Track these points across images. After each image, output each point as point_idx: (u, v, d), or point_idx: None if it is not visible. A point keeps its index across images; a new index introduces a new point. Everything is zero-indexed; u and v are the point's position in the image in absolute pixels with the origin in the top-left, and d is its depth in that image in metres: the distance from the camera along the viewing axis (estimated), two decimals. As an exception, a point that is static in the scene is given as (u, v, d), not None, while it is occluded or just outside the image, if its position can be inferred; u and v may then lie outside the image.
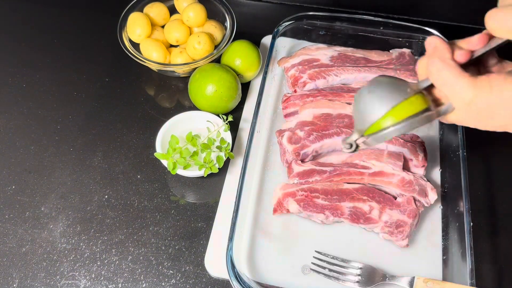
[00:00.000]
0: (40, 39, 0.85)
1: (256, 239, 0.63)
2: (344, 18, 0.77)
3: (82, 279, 0.60)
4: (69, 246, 0.63)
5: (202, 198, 0.68)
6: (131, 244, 0.63)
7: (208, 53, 0.75)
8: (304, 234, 0.64)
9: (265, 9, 0.92)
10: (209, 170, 0.65)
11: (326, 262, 0.60)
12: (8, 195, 0.67)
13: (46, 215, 0.65)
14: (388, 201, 0.61)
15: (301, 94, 0.72)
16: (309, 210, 0.62)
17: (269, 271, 0.61)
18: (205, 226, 0.65)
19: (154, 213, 0.66)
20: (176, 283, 0.61)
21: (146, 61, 0.73)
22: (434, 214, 0.66)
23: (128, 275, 0.61)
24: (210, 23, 0.78)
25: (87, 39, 0.86)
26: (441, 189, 0.68)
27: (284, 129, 0.69)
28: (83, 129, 0.74)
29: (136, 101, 0.78)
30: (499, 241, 0.66)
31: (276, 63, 0.77)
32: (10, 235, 0.64)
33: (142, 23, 0.76)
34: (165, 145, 0.67)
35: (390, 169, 0.64)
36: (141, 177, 0.69)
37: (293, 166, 0.65)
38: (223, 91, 0.70)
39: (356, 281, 0.58)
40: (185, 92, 0.76)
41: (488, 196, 0.69)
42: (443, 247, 0.63)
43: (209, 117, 0.70)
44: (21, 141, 0.72)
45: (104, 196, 0.67)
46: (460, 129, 0.66)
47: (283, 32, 0.78)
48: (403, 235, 0.60)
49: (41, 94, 0.78)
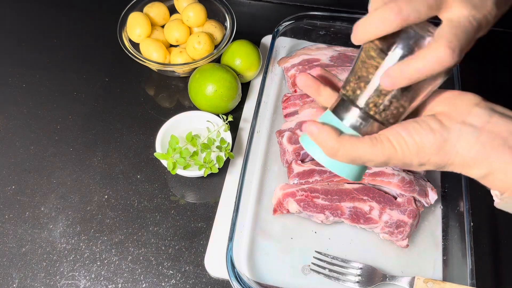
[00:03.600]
0: (40, 39, 0.85)
1: (256, 239, 0.63)
2: (344, 18, 0.77)
3: (82, 279, 0.60)
4: (69, 246, 0.63)
5: (202, 198, 0.68)
6: (131, 244, 0.63)
7: (208, 53, 0.75)
8: (304, 234, 0.64)
9: (265, 9, 0.92)
10: (209, 170, 0.64)
11: (326, 262, 0.60)
12: (8, 195, 0.67)
13: (46, 215, 0.65)
14: (388, 201, 0.61)
15: (301, 94, 0.72)
16: (309, 210, 0.62)
17: (269, 271, 0.61)
18: (205, 226, 0.65)
19: (154, 213, 0.66)
20: (176, 283, 0.61)
21: (146, 61, 0.73)
22: (434, 214, 0.66)
23: (128, 275, 0.61)
24: (210, 23, 0.78)
25: (87, 39, 0.86)
26: (441, 189, 0.68)
27: (284, 129, 0.69)
28: (83, 129, 0.74)
29: (136, 101, 0.78)
30: (499, 241, 0.66)
31: (276, 63, 0.77)
32: (10, 235, 0.64)
33: (142, 23, 0.76)
34: (165, 145, 0.67)
35: (390, 169, 0.64)
36: (141, 177, 0.69)
37: (293, 166, 0.65)
38: (223, 91, 0.70)
39: (356, 281, 0.58)
40: (185, 92, 0.76)
41: (488, 196, 0.69)
42: (443, 247, 0.63)
43: (209, 117, 0.70)
44: (21, 141, 0.72)
45: (104, 196, 0.67)
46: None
47: (283, 32, 0.78)
48: (403, 235, 0.60)
49: (41, 94, 0.78)
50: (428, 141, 0.37)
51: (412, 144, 0.38)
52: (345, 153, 0.39)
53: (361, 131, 0.39)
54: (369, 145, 0.38)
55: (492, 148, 0.37)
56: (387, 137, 0.38)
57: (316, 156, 0.41)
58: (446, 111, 0.39)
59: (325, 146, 0.39)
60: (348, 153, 0.38)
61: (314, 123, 0.39)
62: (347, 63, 0.75)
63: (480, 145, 0.37)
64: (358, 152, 0.38)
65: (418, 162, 0.39)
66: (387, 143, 0.38)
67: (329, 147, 0.39)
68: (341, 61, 0.75)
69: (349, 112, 0.39)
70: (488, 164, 0.37)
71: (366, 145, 0.38)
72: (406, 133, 0.38)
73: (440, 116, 0.38)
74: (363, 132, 0.39)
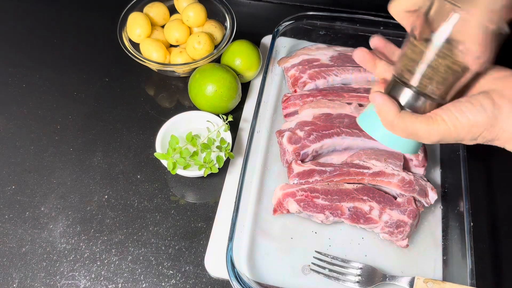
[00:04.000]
0: (40, 39, 0.85)
1: (256, 239, 0.63)
2: (344, 18, 0.77)
3: (82, 279, 0.60)
4: (69, 246, 0.63)
5: (202, 198, 0.68)
6: (131, 244, 0.63)
7: (208, 53, 0.75)
8: (304, 234, 0.64)
9: (265, 9, 0.92)
10: (209, 170, 0.64)
11: (326, 262, 0.60)
12: (8, 195, 0.67)
13: (46, 215, 0.65)
14: (388, 201, 0.61)
15: (301, 94, 0.72)
16: (309, 210, 0.62)
17: (269, 271, 0.61)
18: (205, 226, 0.65)
19: (154, 213, 0.66)
20: (176, 283, 0.61)
21: (146, 61, 0.73)
22: (434, 214, 0.66)
23: (128, 275, 0.61)
24: (210, 23, 0.78)
25: (87, 39, 0.86)
26: (441, 189, 0.68)
27: (284, 129, 0.69)
28: (83, 129, 0.74)
29: (136, 101, 0.78)
30: (499, 241, 0.66)
31: (276, 63, 0.77)
32: (10, 235, 0.64)
33: (142, 23, 0.76)
34: (165, 145, 0.67)
35: (390, 169, 0.64)
36: (141, 177, 0.69)
37: (293, 166, 0.65)
38: (223, 91, 0.70)
39: (356, 281, 0.58)
40: (185, 92, 0.76)
41: (488, 196, 0.69)
42: (443, 247, 0.63)
43: (209, 117, 0.70)
44: (21, 141, 0.72)
45: (104, 196, 0.67)
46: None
47: (283, 32, 0.78)
48: (403, 235, 0.60)
49: (41, 94, 0.78)
50: (480, 119, 0.40)
51: (466, 122, 0.40)
52: (403, 128, 0.42)
53: (415, 111, 0.43)
54: (426, 124, 0.41)
55: None
56: (442, 116, 0.41)
57: (373, 133, 0.46)
58: (498, 89, 0.40)
59: (385, 117, 0.43)
60: (406, 128, 0.42)
61: (381, 94, 0.43)
62: (347, 63, 0.75)
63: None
64: (415, 128, 0.41)
65: (470, 138, 0.41)
66: (442, 123, 0.41)
67: (389, 120, 0.42)
68: (341, 61, 0.75)
69: (403, 92, 0.43)
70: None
71: (423, 123, 0.41)
72: (459, 113, 0.40)
73: (493, 94, 0.40)
74: (421, 112, 0.43)
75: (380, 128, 0.45)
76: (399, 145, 0.45)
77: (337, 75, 0.73)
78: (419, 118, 0.41)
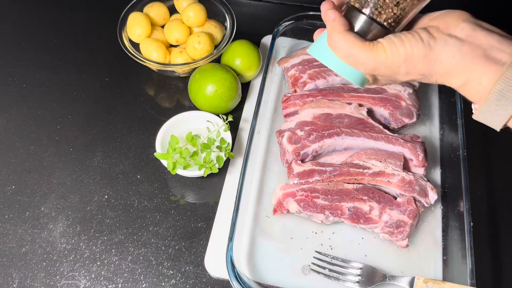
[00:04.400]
0: (40, 39, 0.85)
1: (256, 239, 0.63)
2: (344, 18, 0.77)
3: (82, 279, 0.60)
4: (69, 246, 0.63)
5: (202, 198, 0.68)
6: (131, 244, 0.63)
7: (208, 53, 0.75)
8: (304, 234, 0.64)
9: (265, 9, 0.92)
10: (209, 170, 0.64)
11: (326, 262, 0.60)
12: (8, 195, 0.67)
13: (46, 215, 0.65)
14: (388, 201, 0.61)
15: (301, 94, 0.72)
16: (309, 210, 0.62)
17: (269, 271, 0.61)
18: (205, 226, 0.65)
19: (154, 213, 0.66)
20: (176, 283, 0.61)
21: (146, 61, 0.73)
22: (434, 214, 0.66)
23: (128, 275, 0.61)
24: (210, 23, 0.78)
25: (87, 39, 0.86)
26: (441, 189, 0.68)
27: (284, 129, 0.69)
28: (83, 129, 0.74)
29: (136, 101, 0.78)
30: (499, 241, 0.66)
31: (276, 63, 0.77)
32: (10, 235, 0.64)
33: (142, 23, 0.76)
34: (165, 145, 0.67)
35: (390, 169, 0.64)
36: (141, 177, 0.69)
37: (293, 166, 0.65)
38: (223, 91, 0.70)
39: (356, 281, 0.58)
40: (185, 92, 0.76)
41: (488, 196, 0.69)
42: (443, 247, 0.63)
43: (209, 117, 0.70)
44: (21, 141, 0.72)
45: (104, 196, 0.67)
46: (460, 129, 0.66)
47: (283, 32, 0.78)
48: (403, 235, 0.60)
49: (41, 94, 0.78)
50: (416, 49, 0.42)
51: (403, 51, 0.42)
52: (344, 48, 0.44)
53: (366, 37, 0.45)
54: (364, 48, 0.43)
55: (472, 58, 0.40)
56: (382, 43, 0.43)
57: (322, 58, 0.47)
58: (435, 25, 0.43)
59: (331, 34, 0.44)
60: (346, 48, 0.44)
61: (334, 11, 0.45)
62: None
63: (461, 55, 0.41)
64: (354, 51, 0.43)
65: (405, 69, 0.43)
66: (381, 49, 0.43)
67: (334, 37, 0.44)
68: (341, 61, 0.75)
69: (354, 16, 0.45)
70: (466, 73, 0.41)
71: (362, 48, 0.43)
72: (399, 42, 0.43)
73: (430, 29, 0.43)
74: (368, 38, 0.45)
75: (328, 51, 0.46)
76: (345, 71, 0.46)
77: (337, 75, 0.73)
78: (361, 42, 0.43)
